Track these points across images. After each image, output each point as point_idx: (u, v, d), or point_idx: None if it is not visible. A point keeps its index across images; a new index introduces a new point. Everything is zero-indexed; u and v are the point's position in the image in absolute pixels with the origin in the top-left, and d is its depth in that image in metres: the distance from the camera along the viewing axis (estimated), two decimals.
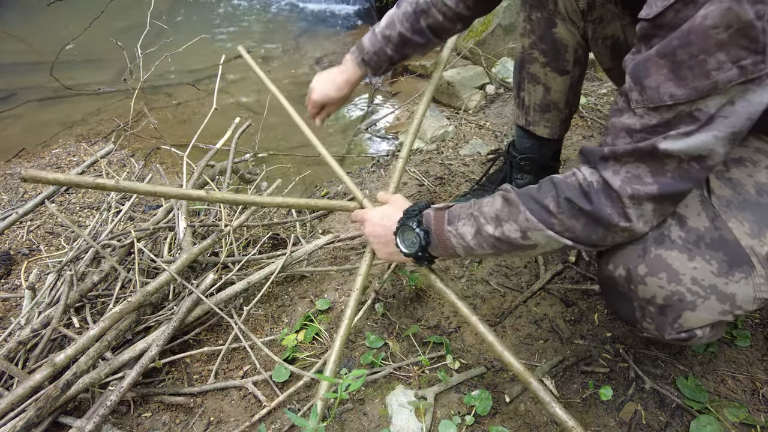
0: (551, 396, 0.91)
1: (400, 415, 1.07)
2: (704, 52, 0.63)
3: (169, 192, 0.92)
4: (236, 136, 1.87)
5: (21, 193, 2.27)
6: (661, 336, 0.87)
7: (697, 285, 0.79)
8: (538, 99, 1.39)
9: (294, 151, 2.58)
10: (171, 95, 3.28)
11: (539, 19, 1.26)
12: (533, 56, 1.33)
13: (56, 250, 1.88)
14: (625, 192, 0.74)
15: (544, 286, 1.38)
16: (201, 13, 4.64)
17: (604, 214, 0.76)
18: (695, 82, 0.65)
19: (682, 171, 0.71)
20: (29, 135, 2.86)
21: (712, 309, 0.80)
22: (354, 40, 4.05)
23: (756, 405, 1.07)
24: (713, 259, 0.79)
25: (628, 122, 0.73)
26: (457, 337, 1.27)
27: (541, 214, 0.82)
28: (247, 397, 1.18)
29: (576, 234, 0.81)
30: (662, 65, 0.67)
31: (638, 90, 0.71)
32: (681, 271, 0.80)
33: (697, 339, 0.87)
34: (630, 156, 0.73)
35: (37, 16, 4.51)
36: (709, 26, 0.61)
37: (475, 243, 0.91)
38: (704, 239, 0.80)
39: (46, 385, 1.10)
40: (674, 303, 0.81)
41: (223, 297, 1.32)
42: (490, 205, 0.90)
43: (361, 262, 1.17)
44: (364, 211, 1.14)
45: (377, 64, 1.32)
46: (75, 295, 1.33)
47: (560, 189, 0.80)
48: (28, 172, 0.67)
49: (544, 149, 1.52)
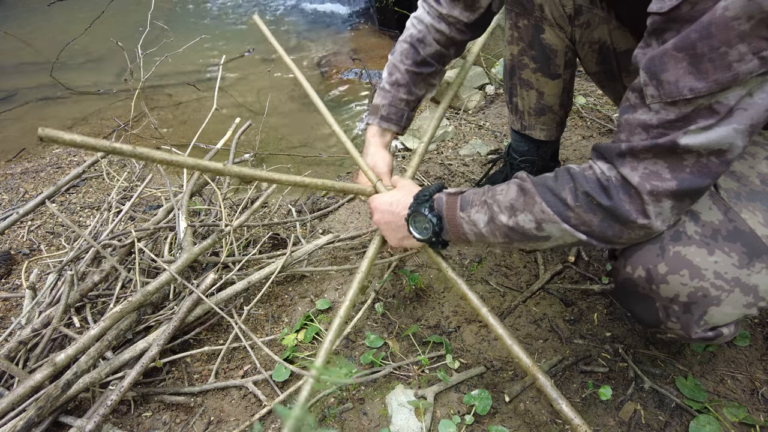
0: (558, 392, 0.90)
1: (399, 415, 1.08)
2: (725, 43, 0.62)
3: (185, 162, 0.91)
4: (236, 136, 1.87)
5: (21, 193, 2.28)
6: (687, 335, 0.85)
7: (720, 279, 0.78)
8: (532, 103, 1.39)
9: (294, 151, 2.59)
10: (171, 95, 3.29)
11: (526, 26, 1.25)
12: (523, 62, 1.32)
13: (57, 249, 1.89)
14: (644, 188, 0.73)
15: (543, 286, 1.38)
16: (201, 14, 4.65)
17: (623, 210, 0.75)
18: (716, 74, 0.64)
19: (701, 166, 0.70)
20: (30, 135, 2.86)
21: (736, 302, 0.79)
22: (354, 40, 4.07)
23: (755, 405, 1.07)
24: (732, 251, 0.78)
25: (643, 118, 0.72)
26: (457, 337, 1.27)
27: (558, 207, 0.81)
28: (248, 396, 1.19)
29: (592, 228, 0.80)
30: (680, 59, 0.66)
31: (655, 85, 0.69)
32: (703, 266, 0.78)
33: (723, 337, 0.85)
34: (648, 152, 0.72)
35: (38, 16, 4.51)
36: (730, 17, 0.61)
37: (487, 231, 0.90)
38: (720, 232, 0.79)
39: (46, 385, 1.11)
40: (699, 299, 0.80)
41: (223, 297, 1.32)
42: (504, 194, 0.88)
43: (369, 246, 1.14)
44: (373, 199, 1.12)
45: (397, 115, 1.24)
46: (75, 294, 1.34)
47: (578, 182, 0.79)
48: (45, 131, 0.67)
49: (541, 151, 1.52)
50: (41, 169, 2.46)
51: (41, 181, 2.38)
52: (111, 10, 3.71)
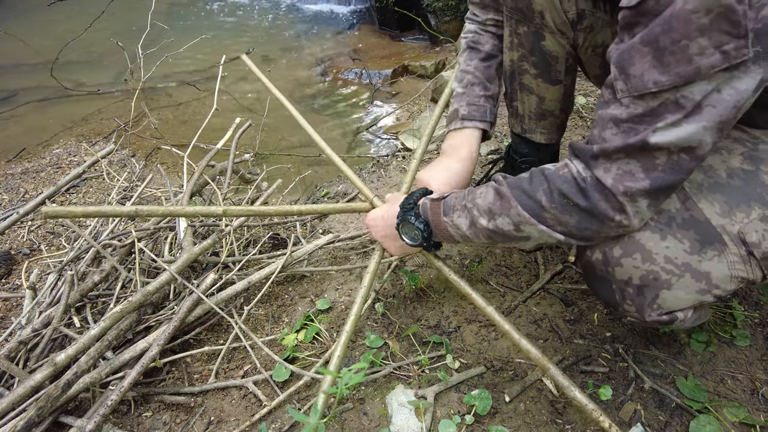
0: (569, 380, 0.91)
1: (400, 415, 1.08)
2: (686, 37, 0.63)
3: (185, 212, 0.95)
4: (237, 137, 1.87)
5: (22, 193, 2.28)
6: (642, 318, 0.87)
7: (670, 263, 0.81)
8: (533, 108, 1.38)
9: (294, 151, 2.59)
10: (171, 95, 3.29)
11: (526, 33, 1.23)
12: (524, 68, 1.31)
13: (57, 249, 1.89)
14: (618, 190, 0.74)
15: (543, 286, 1.38)
16: (201, 14, 4.65)
17: (600, 209, 0.77)
18: (678, 67, 0.65)
19: (672, 163, 0.71)
20: (30, 135, 2.87)
21: (688, 287, 0.82)
22: (354, 40, 4.07)
23: (755, 405, 1.07)
24: (685, 237, 0.80)
25: (614, 112, 0.73)
26: (457, 337, 1.27)
27: (534, 209, 0.82)
28: (248, 396, 1.19)
29: (569, 228, 0.81)
30: (646, 52, 0.67)
31: (623, 79, 0.70)
32: (654, 251, 0.81)
33: (679, 322, 0.87)
34: (620, 152, 0.73)
35: (38, 16, 4.51)
36: (689, 11, 0.61)
37: (471, 233, 0.93)
38: (675, 219, 0.82)
39: (46, 385, 1.11)
40: (650, 282, 0.83)
41: (223, 297, 1.32)
42: (483, 197, 0.90)
43: (370, 260, 1.17)
44: (367, 216, 1.17)
45: (479, 111, 1.23)
46: (76, 294, 1.34)
47: (552, 182, 0.80)
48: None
49: (542, 153, 1.52)
50: (41, 169, 2.47)
51: (41, 181, 2.38)
52: (111, 10, 3.71)
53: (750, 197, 0.81)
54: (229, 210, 1.06)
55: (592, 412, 0.87)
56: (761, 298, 1.29)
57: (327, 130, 2.83)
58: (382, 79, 3.33)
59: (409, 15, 3.63)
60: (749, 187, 0.82)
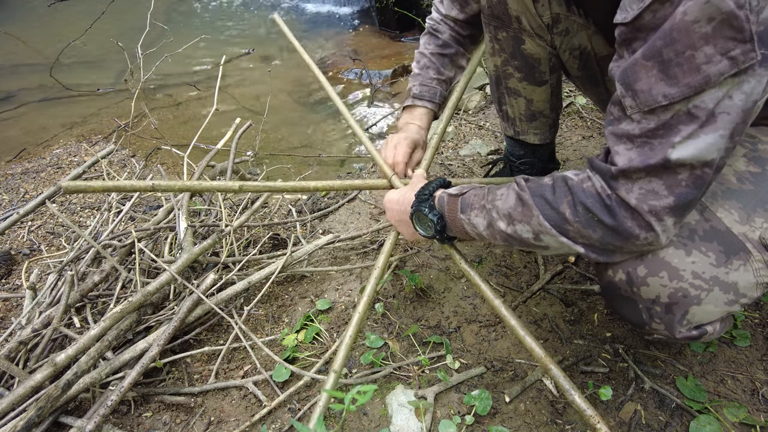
0: (570, 383, 0.89)
1: (400, 415, 1.08)
2: (690, 47, 0.62)
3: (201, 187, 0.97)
4: (237, 137, 1.87)
5: (22, 193, 2.28)
6: (672, 335, 0.86)
7: (698, 278, 0.79)
8: (522, 110, 1.39)
9: (294, 151, 2.59)
10: (171, 96, 3.29)
11: (506, 38, 1.24)
12: (508, 72, 1.31)
13: (57, 250, 1.89)
14: (643, 209, 0.72)
15: (543, 286, 1.38)
16: (201, 14, 4.65)
17: (626, 227, 0.75)
18: (687, 78, 0.64)
19: (695, 177, 0.70)
20: (30, 135, 2.87)
21: (717, 300, 0.80)
22: (354, 40, 4.07)
23: (755, 405, 1.07)
24: (710, 250, 0.79)
25: (626, 128, 0.72)
26: (457, 337, 1.27)
27: (556, 221, 0.80)
28: (248, 396, 1.19)
29: (591, 242, 0.79)
30: (650, 67, 0.66)
31: (630, 95, 0.70)
32: (681, 267, 0.79)
33: (708, 335, 0.86)
34: (641, 172, 0.71)
35: (38, 16, 4.51)
36: (690, 21, 0.61)
37: (487, 234, 0.91)
38: (697, 232, 0.80)
39: (46, 385, 1.11)
40: (679, 300, 0.81)
41: (223, 297, 1.32)
42: (503, 200, 0.88)
43: (385, 243, 1.18)
44: (385, 197, 1.17)
45: (429, 93, 1.34)
46: (76, 295, 1.34)
47: (577, 195, 0.78)
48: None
49: (538, 153, 1.52)
50: (41, 169, 2.47)
51: (41, 181, 2.38)
52: (111, 11, 3.71)
53: (764, 201, 0.81)
54: (246, 185, 1.04)
55: (590, 419, 0.86)
56: (761, 299, 1.29)
57: (327, 130, 2.84)
58: (382, 79, 3.33)
59: (409, 15, 3.63)
60: (761, 190, 0.82)
